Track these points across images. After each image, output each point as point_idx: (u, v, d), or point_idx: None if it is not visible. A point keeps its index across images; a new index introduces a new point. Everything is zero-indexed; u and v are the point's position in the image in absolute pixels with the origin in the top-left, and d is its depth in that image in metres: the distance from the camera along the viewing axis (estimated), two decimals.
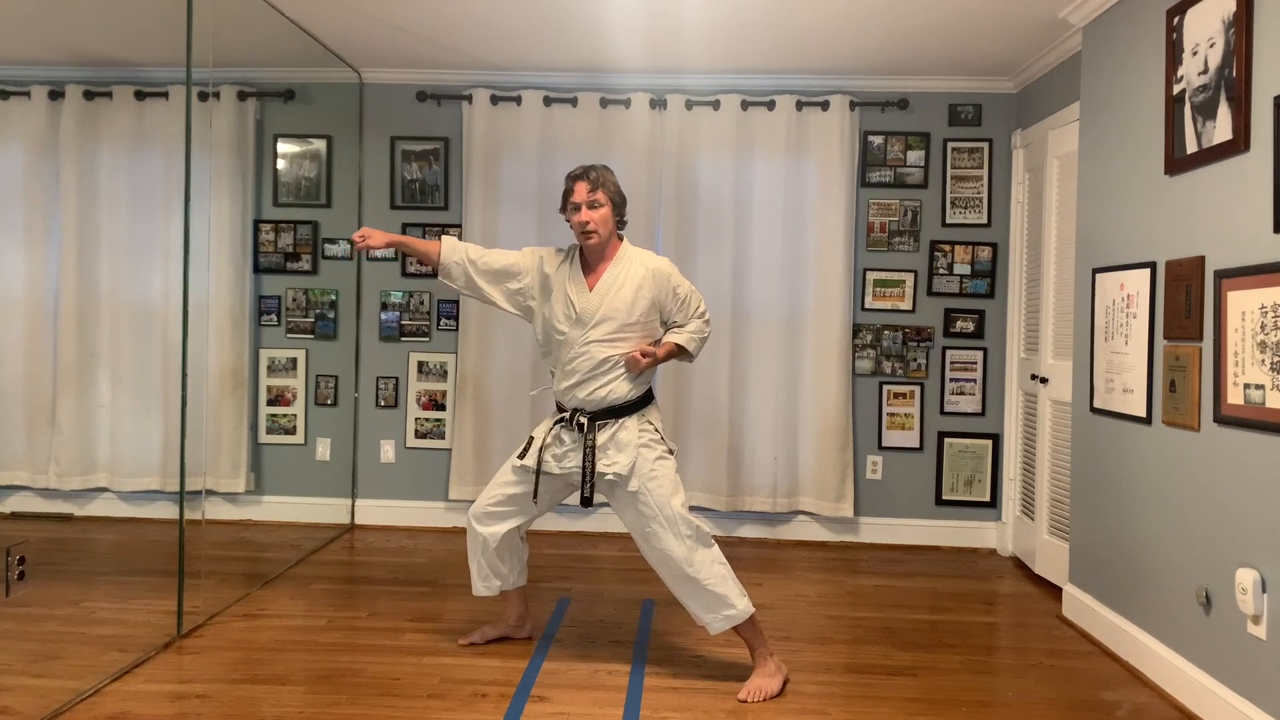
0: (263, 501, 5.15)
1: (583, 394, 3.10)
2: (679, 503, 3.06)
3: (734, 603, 3.03)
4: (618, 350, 3.10)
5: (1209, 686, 2.89)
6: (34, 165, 5.05)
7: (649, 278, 3.13)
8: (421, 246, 3.28)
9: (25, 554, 3.21)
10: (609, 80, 5.05)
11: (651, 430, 3.14)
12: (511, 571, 3.34)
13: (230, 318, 5.03)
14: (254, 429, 5.15)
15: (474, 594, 3.34)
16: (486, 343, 5.06)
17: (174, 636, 3.41)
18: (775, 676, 3.06)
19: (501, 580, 3.32)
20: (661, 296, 3.15)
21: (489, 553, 3.27)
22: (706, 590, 3.03)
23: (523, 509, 3.25)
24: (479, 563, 3.30)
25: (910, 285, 5.05)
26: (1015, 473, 4.90)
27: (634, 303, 3.10)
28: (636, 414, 3.13)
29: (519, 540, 3.34)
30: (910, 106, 5.03)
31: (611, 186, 3.15)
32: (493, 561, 3.29)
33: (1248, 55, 2.76)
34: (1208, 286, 2.94)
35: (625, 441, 3.08)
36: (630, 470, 3.04)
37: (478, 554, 3.29)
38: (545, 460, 3.17)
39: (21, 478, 5.08)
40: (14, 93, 5.06)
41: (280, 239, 5.17)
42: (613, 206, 3.14)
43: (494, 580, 3.31)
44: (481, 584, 3.32)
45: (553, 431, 3.18)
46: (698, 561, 3.02)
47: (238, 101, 5.05)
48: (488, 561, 3.29)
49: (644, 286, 3.12)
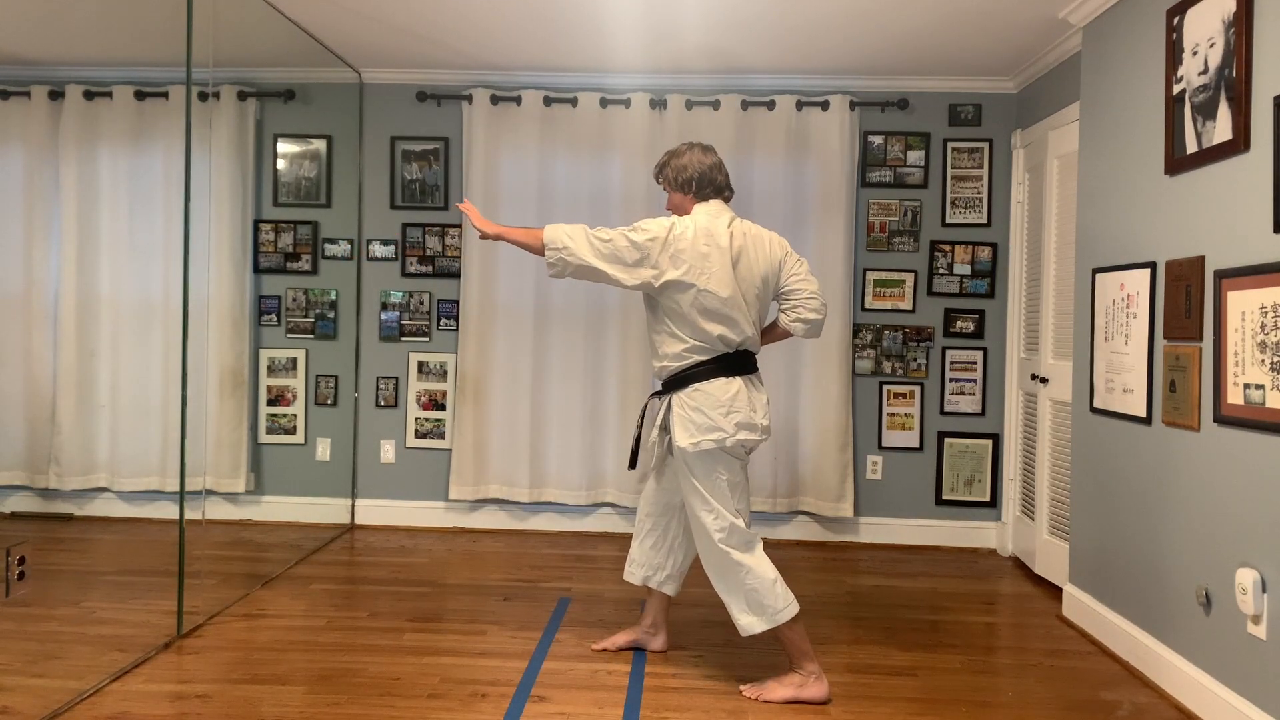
0: (263, 501, 5.15)
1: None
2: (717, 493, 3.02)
3: (736, 616, 3.04)
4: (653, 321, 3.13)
5: (1209, 686, 2.89)
6: (34, 165, 5.05)
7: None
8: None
9: (25, 554, 3.20)
10: (609, 80, 5.05)
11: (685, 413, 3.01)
12: (657, 569, 3.31)
13: (230, 318, 5.02)
14: (254, 429, 5.15)
15: (623, 578, 3.41)
16: (486, 343, 5.06)
17: (174, 636, 3.41)
18: (789, 686, 3.01)
19: (650, 570, 3.31)
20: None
21: (639, 535, 3.33)
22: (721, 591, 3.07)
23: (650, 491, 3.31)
24: (633, 547, 3.35)
25: (910, 285, 5.05)
26: (1015, 473, 4.90)
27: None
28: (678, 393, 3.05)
29: (677, 537, 3.31)
30: (910, 106, 5.03)
31: (667, 172, 3.18)
32: (643, 546, 3.32)
33: (1248, 55, 2.76)
34: (1208, 286, 2.94)
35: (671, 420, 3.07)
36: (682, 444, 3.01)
37: (634, 537, 3.36)
38: (642, 432, 3.25)
39: (21, 478, 5.07)
40: (14, 93, 5.06)
41: (280, 239, 5.17)
42: (675, 189, 3.18)
43: (638, 569, 3.33)
44: (628, 567, 3.36)
45: (649, 404, 3.29)
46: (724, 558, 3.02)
47: (238, 101, 5.05)
48: (639, 545, 3.33)
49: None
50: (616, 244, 3.01)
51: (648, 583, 3.32)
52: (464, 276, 5.07)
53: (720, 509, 2.99)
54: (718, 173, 3.17)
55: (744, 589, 2.99)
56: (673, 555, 3.31)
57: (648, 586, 3.33)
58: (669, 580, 3.32)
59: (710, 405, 2.99)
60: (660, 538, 3.30)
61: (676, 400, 3.04)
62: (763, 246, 3.13)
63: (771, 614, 2.97)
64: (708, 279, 2.98)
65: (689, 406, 3.00)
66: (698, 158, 3.15)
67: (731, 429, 2.98)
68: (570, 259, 3.03)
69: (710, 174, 3.16)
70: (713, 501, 3.00)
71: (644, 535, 3.31)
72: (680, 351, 3.04)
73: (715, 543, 2.99)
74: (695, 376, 3.02)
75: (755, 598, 2.98)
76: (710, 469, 3.00)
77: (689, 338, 3.03)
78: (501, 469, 5.07)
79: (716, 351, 3.04)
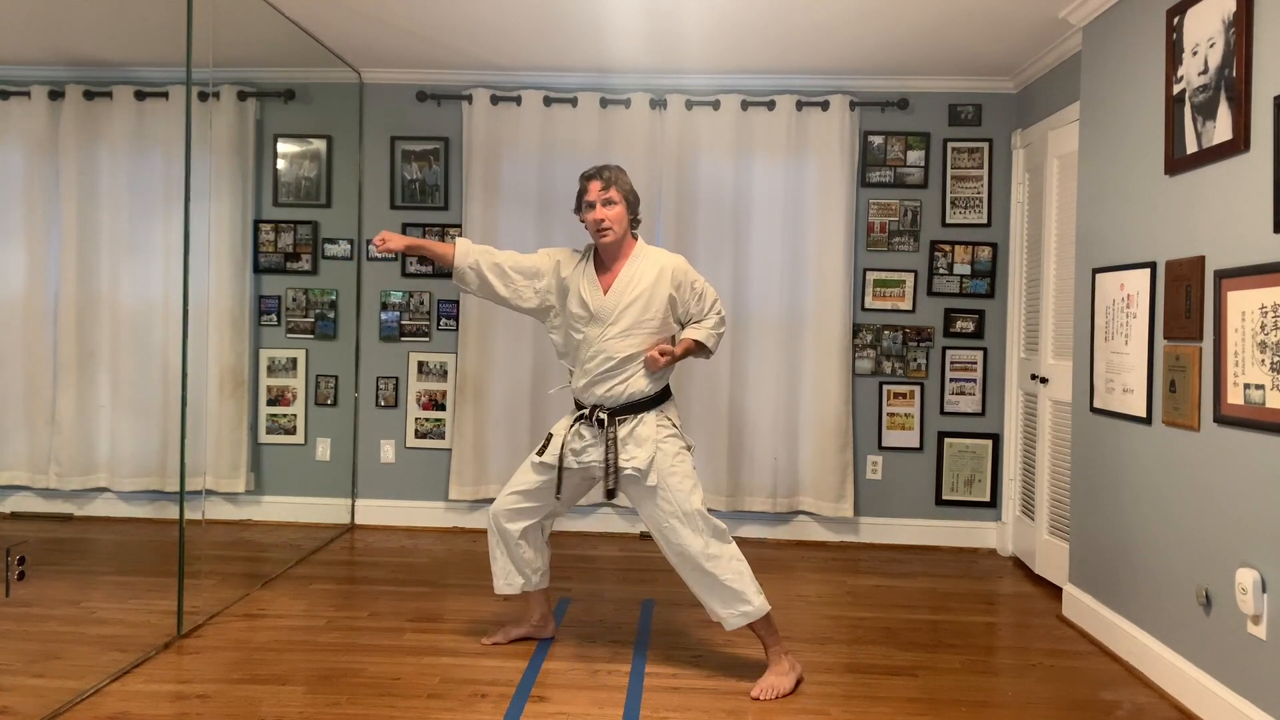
0: (263, 501, 5.15)
1: (601, 391, 3.12)
2: (698, 499, 3.08)
3: (750, 599, 3.04)
4: (634, 347, 3.11)
5: (1209, 686, 2.89)
6: (34, 165, 5.05)
7: (665, 274, 3.15)
8: (438, 250, 3.26)
9: (25, 554, 3.21)
10: (609, 80, 5.05)
11: (670, 426, 3.16)
12: (534, 572, 3.35)
13: (230, 318, 5.02)
14: (254, 429, 5.15)
15: (495, 592, 3.35)
16: (486, 343, 5.06)
17: (174, 636, 3.41)
18: (789, 675, 3.07)
19: (524, 579, 3.33)
20: (680, 293, 3.18)
21: (511, 550, 3.29)
22: (723, 585, 3.04)
23: (543, 505, 3.27)
24: (501, 561, 3.31)
25: (910, 285, 5.05)
26: (1015, 473, 4.90)
27: (650, 300, 3.13)
28: (655, 409, 3.15)
29: (542, 540, 3.36)
30: (910, 106, 5.03)
31: (625, 185, 3.18)
32: (516, 559, 3.30)
33: (1248, 55, 2.76)
34: (1208, 286, 2.94)
35: (644, 436, 3.09)
36: (649, 465, 3.06)
37: (499, 552, 3.31)
38: (565, 456, 3.18)
39: (21, 478, 5.08)
40: (14, 93, 5.06)
41: (280, 239, 5.17)
42: (626, 205, 3.17)
43: (516, 578, 3.32)
44: (503, 582, 3.33)
45: (573, 428, 3.19)
46: (715, 556, 3.03)
47: (238, 101, 5.05)
48: (511, 559, 3.30)
49: (659, 283, 3.14)
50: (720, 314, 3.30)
51: (527, 588, 3.36)
52: None
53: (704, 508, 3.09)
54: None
55: (746, 574, 3.07)
56: (542, 552, 3.38)
57: (526, 590, 3.37)
58: (545, 575, 3.40)
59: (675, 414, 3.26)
60: (536, 537, 3.33)
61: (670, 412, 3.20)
62: None
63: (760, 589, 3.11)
64: None
65: (675, 415, 3.23)
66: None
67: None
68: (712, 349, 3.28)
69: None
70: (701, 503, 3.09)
71: (514, 544, 3.29)
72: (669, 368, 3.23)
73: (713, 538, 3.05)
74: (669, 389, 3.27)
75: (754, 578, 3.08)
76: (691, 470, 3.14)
77: None
78: (501, 469, 5.07)
79: None
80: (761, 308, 4.98)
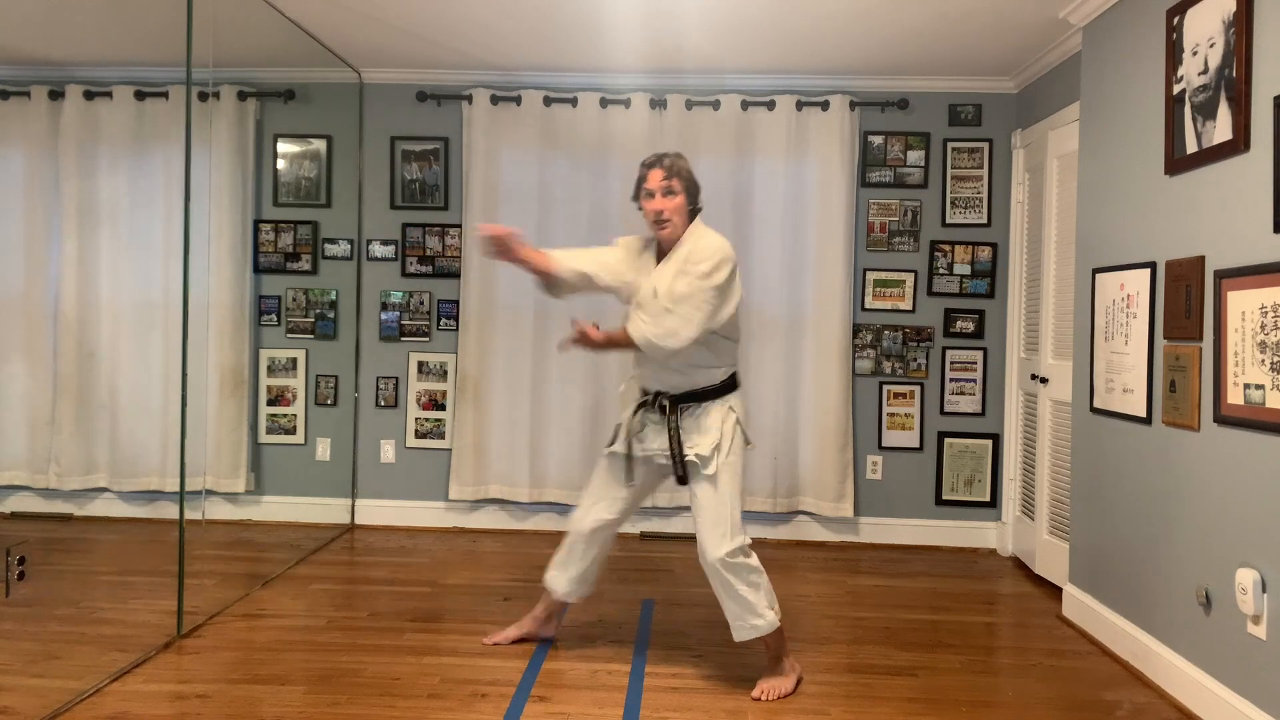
0: (263, 501, 5.15)
1: (663, 378, 3.08)
2: (738, 503, 3.03)
3: (761, 613, 3.02)
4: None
5: (1209, 686, 2.89)
6: (34, 165, 5.05)
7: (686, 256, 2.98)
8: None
9: (25, 554, 3.21)
10: (609, 80, 5.05)
11: (733, 418, 3.06)
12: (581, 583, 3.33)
13: (230, 318, 5.02)
14: (254, 429, 5.15)
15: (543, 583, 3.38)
16: (486, 343, 5.06)
17: (174, 636, 3.41)
18: (789, 675, 3.07)
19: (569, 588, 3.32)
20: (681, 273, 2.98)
21: (572, 550, 3.29)
22: (738, 594, 3.01)
23: (615, 499, 3.24)
24: (561, 554, 3.32)
25: (910, 285, 5.05)
26: (1015, 473, 4.90)
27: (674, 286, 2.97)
28: (719, 399, 3.07)
29: (608, 538, 3.31)
30: (910, 106, 5.03)
31: (686, 174, 3.05)
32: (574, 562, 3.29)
33: (1248, 55, 2.76)
34: (1208, 286, 2.94)
35: (708, 426, 3.04)
36: (712, 452, 3.01)
37: (565, 549, 3.32)
38: (631, 444, 3.16)
39: (21, 478, 5.08)
40: (14, 93, 5.06)
41: (280, 239, 5.17)
42: (687, 195, 3.05)
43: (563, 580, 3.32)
44: (551, 573, 3.34)
45: (637, 416, 3.16)
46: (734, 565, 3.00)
47: (238, 101, 5.05)
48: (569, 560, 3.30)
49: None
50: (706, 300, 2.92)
51: (569, 597, 3.35)
52: (464, 276, 5.07)
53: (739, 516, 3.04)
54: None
55: (763, 587, 3.04)
56: (598, 566, 3.36)
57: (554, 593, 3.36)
58: (590, 588, 3.39)
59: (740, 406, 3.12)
60: (601, 550, 3.31)
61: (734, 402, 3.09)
62: None
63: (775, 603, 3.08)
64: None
65: (740, 408, 3.11)
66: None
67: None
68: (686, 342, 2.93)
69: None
70: (739, 510, 3.04)
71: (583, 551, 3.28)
72: (733, 356, 3.13)
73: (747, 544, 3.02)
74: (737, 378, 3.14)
75: (770, 592, 3.06)
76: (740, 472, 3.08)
77: (736, 341, 3.14)
78: (501, 469, 5.07)
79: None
80: (761, 308, 4.98)
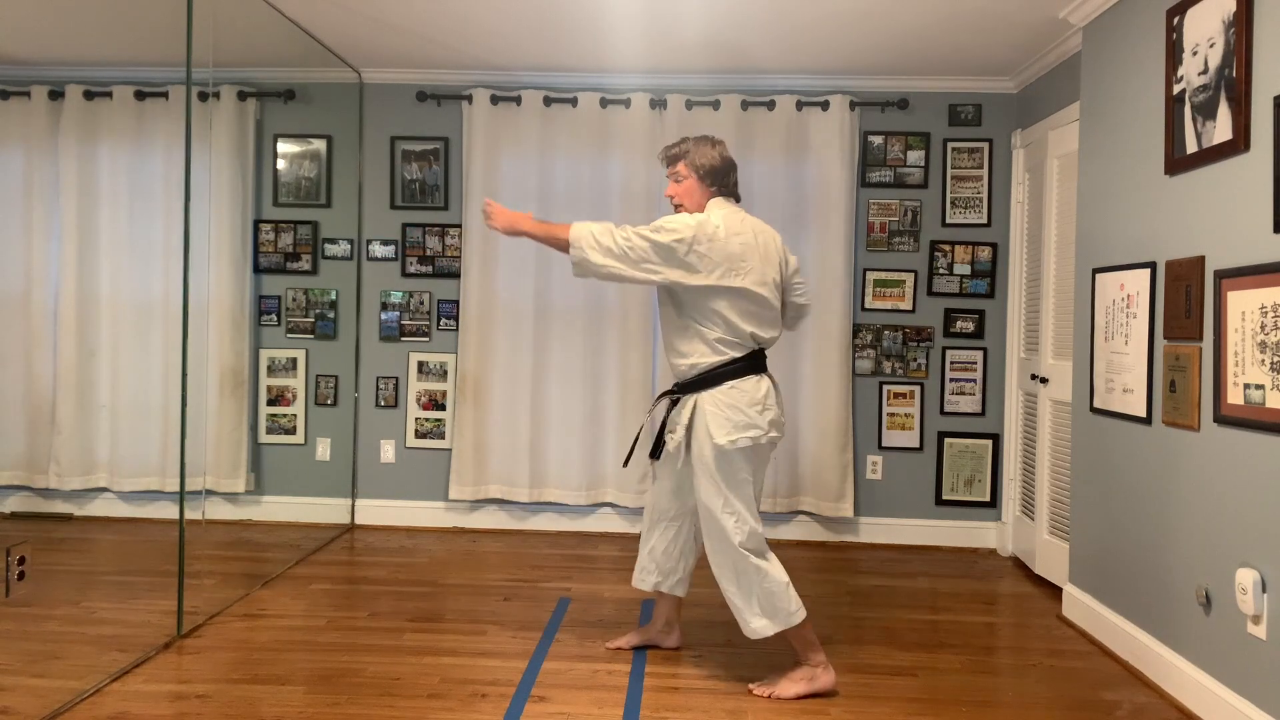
0: (263, 501, 5.15)
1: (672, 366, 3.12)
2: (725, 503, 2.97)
3: (747, 620, 3.00)
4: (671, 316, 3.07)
5: (1209, 686, 2.89)
6: (34, 165, 5.05)
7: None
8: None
9: (25, 554, 3.20)
10: (609, 80, 5.05)
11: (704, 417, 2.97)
12: (666, 574, 3.29)
13: (230, 318, 5.02)
14: (254, 429, 5.15)
15: (632, 584, 3.38)
16: (486, 343, 5.06)
17: (174, 636, 3.41)
18: (799, 682, 3.02)
19: (657, 579, 3.30)
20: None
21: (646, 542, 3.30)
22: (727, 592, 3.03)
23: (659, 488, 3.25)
24: (641, 553, 3.33)
25: (910, 285, 5.05)
26: (1015, 473, 4.90)
27: None
28: (695, 394, 3.01)
29: (678, 545, 3.28)
30: (910, 106, 5.03)
31: (693, 158, 3.08)
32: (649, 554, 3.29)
33: (1248, 55, 2.76)
34: (1208, 286, 2.94)
35: (678, 421, 3.04)
36: (676, 449, 3.02)
37: (642, 544, 3.32)
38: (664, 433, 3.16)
39: (21, 478, 5.08)
40: (14, 93, 5.06)
41: (280, 239, 5.17)
42: (697, 178, 3.08)
43: (646, 575, 3.31)
44: (638, 574, 3.33)
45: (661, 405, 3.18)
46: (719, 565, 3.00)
47: (238, 101, 5.05)
48: (646, 553, 3.30)
49: None
50: (637, 245, 2.92)
51: (659, 588, 3.31)
52: (464, 276, 5.07)
53: (743, 512, 2.97)
54: (733, 171, 3.17)
55: (760, 592, 2.97)
56: (684, 558, 3.30)
57: (659, 591, 3.33)
58: (680, 583, 3.32)
59: (747, 403, 2.97)
60: (673, 541, 3.27)
61: (708, 398, 2.98)
62: (772, 242, 3.14)
63: (785, 616, 2.97)
64: (744, 278, 2.96)
65: (724, 404, 2.96)
66: (720, 151, 3.14)
67: (766, 426, 2.99)
68: (593, 260, 2.95)
69: (730, 169, 3.15)
70: (737, 504, 2.96)
71: (655, 539, 3.28)
72: (709, 349, 2.99)
73: (735, 545, 2.96)
74: (730, 374, 2.99)
75: (770, 601, 2.97)
76: (737, 470, 2.97)
77: (725, 334, 2.99)
78: (501, 469, 5.07)
79: (748, 348, 3.03)
80: None
